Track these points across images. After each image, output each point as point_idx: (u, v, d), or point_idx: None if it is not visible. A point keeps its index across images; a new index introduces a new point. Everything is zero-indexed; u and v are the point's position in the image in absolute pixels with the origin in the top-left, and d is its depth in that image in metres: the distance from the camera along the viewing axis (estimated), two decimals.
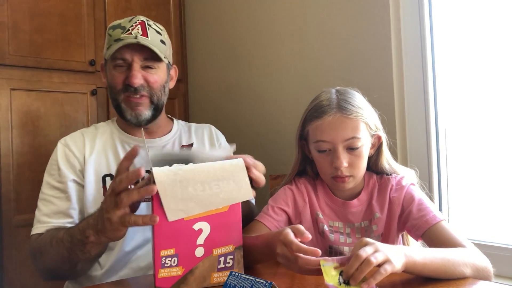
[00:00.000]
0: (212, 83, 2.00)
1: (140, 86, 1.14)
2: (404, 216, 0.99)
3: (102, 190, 1.15)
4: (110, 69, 1.17)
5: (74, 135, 1.23)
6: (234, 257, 0.82)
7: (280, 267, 0.95)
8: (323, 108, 1.00)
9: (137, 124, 1.19)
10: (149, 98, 1.17)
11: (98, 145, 1.20)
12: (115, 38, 1.14)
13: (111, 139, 1.23)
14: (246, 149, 1.74)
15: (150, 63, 1.17)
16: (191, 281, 0.80)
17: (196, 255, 0.81)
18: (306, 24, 1.57)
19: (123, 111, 1.17)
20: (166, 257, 0.79)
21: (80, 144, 1.19)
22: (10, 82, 1.59)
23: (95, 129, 1.26)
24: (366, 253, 0.72)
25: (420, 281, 0.80)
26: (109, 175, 1.16)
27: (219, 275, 0.81)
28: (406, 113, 1.32)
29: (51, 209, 1.12)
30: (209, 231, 0.81)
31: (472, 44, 1.25)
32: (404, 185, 1.02)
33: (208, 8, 2.03)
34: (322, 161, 1.02)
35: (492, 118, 1.21)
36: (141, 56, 1.15)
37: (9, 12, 1.59)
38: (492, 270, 0.83)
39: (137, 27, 1.15)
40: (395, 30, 1.32)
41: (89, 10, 1.78)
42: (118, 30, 1.15)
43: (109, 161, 1.19)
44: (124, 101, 1.16)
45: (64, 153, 1.17)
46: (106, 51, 1.16)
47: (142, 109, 1.17)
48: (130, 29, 1.14)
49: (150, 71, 1.17)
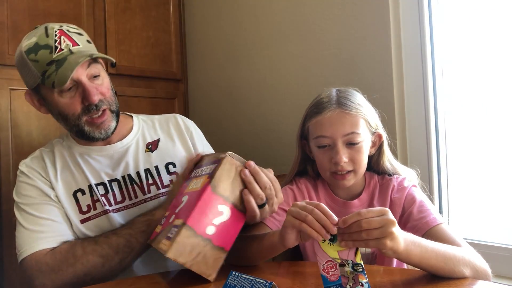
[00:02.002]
0: (212, 83, 2.00)
1: (99, 101, 1.05)
2: (404, 217, 0.99)
3: (77, 208, 1.08)
4: (55, 97, 1.03)
5: (34, 157, 1.14)
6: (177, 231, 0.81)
7: (282, 267, 0.96)
8: (323, 104, 1.01)
9: (106, 138, 1.11)
10: (109, 109, 1.09)
11: (59, 164, 1.12)
12: (47, 62, 0.99)
13: (71, 154, 1.15)
14: (246, 149, 1.75)
15: (93, 71, 1.05)
16: (157, 240, 0.88)
17: (169, 221, 0.89)
18: (306, 24, 1.57)
19: (88, 133, 1.07)
20: (164, 216, 0.95)
21: (42, 166, 1.12)
22: (10, 82, 1.59)
23: (52, 148, 1.17)
24: (365, 215, 0.70)
25: (420, 281, 0.80)
26: (80, 190, 1.10)
27: (165, 242, 0.84)
28: (406, 113, 1.32)
29: (41, 231, 1.03)
30: (184, 204, 0.88)
31: (472, 44, 1.25)
32: (406, 186, 1.03)
33: (208, 8, 2.03)
34: (322, 156, 1.02)
35: (492, 118, 1.21)
36: (83, 68, 1.02)
37: (9, 12, 1.59)
38: (491, 274, 0.82)
39: (63, 39, 1.02)
40: (395, 30, 1.32)
41: (88, 10, 1.78)
42: (43, 52, 0.99)
43: (75, 175, 1.11)
44: (88, 123, 1.06)
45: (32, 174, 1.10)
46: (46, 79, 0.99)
47: (107, 123, 1.08)
48: (58, 46, 1.00)
49: (97, 81, 1.06)
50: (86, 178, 1.11)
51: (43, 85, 1.01)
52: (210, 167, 0.90)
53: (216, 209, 0.85)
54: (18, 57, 1.05)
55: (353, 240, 0.71)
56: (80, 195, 1.10)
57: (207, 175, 0.88)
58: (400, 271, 0.87)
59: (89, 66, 1.04)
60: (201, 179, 0.90)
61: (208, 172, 0.89)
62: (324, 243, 0.72)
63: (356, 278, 0.69)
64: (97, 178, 1.12)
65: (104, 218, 1.09)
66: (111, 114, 1.10)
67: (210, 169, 0.90)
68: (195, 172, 0.97)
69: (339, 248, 0.71)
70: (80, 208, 1.09)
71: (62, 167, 1.12)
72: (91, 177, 1.12)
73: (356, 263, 0.70)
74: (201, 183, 0.88)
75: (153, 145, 1.20)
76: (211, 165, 0.90)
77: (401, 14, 1.32)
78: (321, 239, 0.72)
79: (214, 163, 0.90)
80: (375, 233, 0.70)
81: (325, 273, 0.71)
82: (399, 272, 0.87)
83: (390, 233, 0.71)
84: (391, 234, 0.71)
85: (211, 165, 0.91)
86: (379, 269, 0.89)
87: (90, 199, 1.09)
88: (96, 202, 1.09)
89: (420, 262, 0.77)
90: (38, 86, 1.04)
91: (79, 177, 1.12)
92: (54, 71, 0.98)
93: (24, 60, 1.02)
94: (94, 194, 1.10)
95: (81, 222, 1.08)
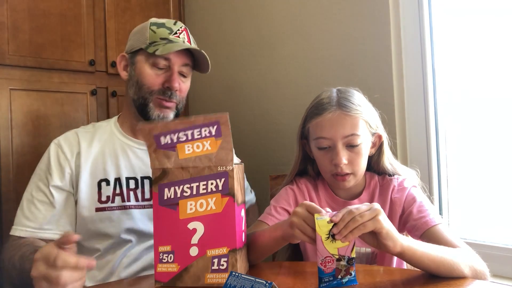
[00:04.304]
0: (212, 83, 2.00)
1: (175, 92, 1.14)
2: (404, 216, 1.00)
3: (97, 196, 1.11)
4: (145, 67, 1.13)
5: (69, 136, 1.18)
6: (228, 259, 0.81)
7: (282, 267, 0.96)
8: (323, 106, 1.01)
9: None
10: (177, 104, 1.17)
11: (95, 148, 1.16)
12: (161, 37, 1.12)
13: (111, 142, 1.18)
14: (246, 149, 1.75)
15: (186, 71, 1.17)
16: (186, 278, 0.82)
17: (191, 254, 0.82)
18: (306, 24, 1.57)
19: (149, 110, 1.13)
20: (164, 253, 0.83)
21: (74, 146, 1.15)
22: (10, 82, 1.59)
23: (93, 129, 1.21)
24: (359, 211, 0.75)
25: (420, 281, 0.80)
26: (105, 180, 1.13)
27: (213, 276, 0.81)
28: (406, 113, 1.32)
29: (33, 213, 1.09)
30: (203, 231, 0.82)
31: (472, 44, 1.25)
32: (406, 186, 1.03)
33: (208, 8, 2.03)
34: (322, 158, 1.02)
35: (492, 118, 1.21)
36: (182, 62, 1.15)
37: (9, 12, 1.59)
38: (489, 274, 0.83)
39: (183, 33, 1.17)
40: (395, 30, 1.32)
41: (89, 10, 1.78)
42: (164, 30, 1.13)
43: (106, 165, 1.14)
44: (155, 102, 1.13)
45: (57, 156, 1.13)
46: (150, 46, 1.11)
47: (168, 112, 1.15)
48: (177, 33, 1.15)
49: (183, 79, 1.18)
50: (117, 169, 1.14)
51: (143, 51, 1.13)
52: (212, 182, 0.83)
53: (243, 218, 0.88)
54: (140, 25, 1.19)
55: (350, 230, 0.74)
56: (104, 185, 1.13)
57: (219, 193, 0.82)
58: (400, 271, 0.88)
59: (186, 66, 1.17)
60: (202, 198, 0.83)
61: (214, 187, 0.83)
62: (327, 240, 0.76)
63: (347, 269, 0.77)
64: (130, 172, 1.15)
65: (119, 213, 1.11)
66: (175, 109, 1.17)
67: (214, 184, 0.83)
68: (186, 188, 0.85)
69: (339, 245, 0.76)
70: (100, 197, 1.11)
71: (97, 151, 1.15)
72: (124, 170, 1.14)
73: (350, 258, 0.76)
74: (217, 202, 0.82)
75: None
76: (212, 180, 0.83)
77: (401, 14, 1.32)
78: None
79: (217, 177, 0.83)
80: (367, 214, 0.75)
81: (322, 266, 0.76)
82: (399, 272, 0.87)
83: (378, 211, 0.75)
84: (379, 213, 0.75)
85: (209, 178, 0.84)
86: (379, 269, 0.89)
87: (112, 191, 1.12)
88: (116, 196, 1.12)
89: (419, 261, 0.78)
90: (136, 52, 1.15)
91: (111, 168, 1.14)
92: (163, 44, 1.11)
93: (144, 27, 1.16)
94: (118, 187, 1.13)
95: (96, 210, 1.10)
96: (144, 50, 1.13)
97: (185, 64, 1.16)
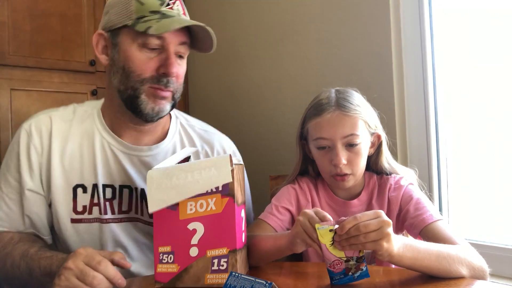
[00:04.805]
0: (212, 83, 2.00)
1: (171, 79, 0.93)
2: (402, 215, 1.00)
3: (72, 203, 0.98)
4: (132, 49, 0.91)
5: (41, 122, 0.99)
6: (228, 260, 0.81)
7: (283, 268, 0.96)
8: (322, 106, 1.01)
9: (148, 121, 0.97)
10: (173, 94, 0.96)
11: (71, 144, 0.98)
12: (151, 9, 0.89)
13: (90, 136, 1.00)
14: (246, 149, 1.75)
15: (183, 50, 0.95)
16: (186, 279, 0.82)
17: (191, 255, 0.82)
18: (306, 24, 1.57)
19: (140, 103, 0.93)
20: (163, 253, 0.83)
21: (46, 137, 0.97)
22: (10, 82, 1.59)
23: (72, 116, 1.01)
24: (361, 218, 0.73)
25: (419, 281, 0.80)
26: (81, 186, 0.98)
27: (213, 276, 0.82)
28: (406, 113, 1.32)
29: (4, 211, 0.97)
30: (203, 232, 0.82)
31: (472, 44, 1.25)
32: (402, 184, 1.03)
33: (208, 8, 2.03)
34: (322, 158, 1.02)
35: (492, 118, 1.21)
36: (179, 40, 0.92)
37: (9, 12, 1.59)
38: (487, 270, 0.82)
39: (177, 3, 0.93)
40: (395, 30, 1.32)
41: (89, 10, 1.78)
42: (154, 0, 0.90)
43: (83, 167, 0.99)
44: (147, 92, 0.93)
45: (27, 146, 0.97)
46: (138, 23, 0.89)
47: (164, 104, 0.95)
48: (170, 3, 0.91)
49: (179, 61, 0.95)
50: (95, 174, 0.98)
51: (129, 28, 0.90)
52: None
53: (243, 218, 0.87)
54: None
55: (350, 244, 0.73)
56: (81, 191, 0.98)
57: (219, 194, 0.82)
58: (399, 271, 0.88)
59: (183, 44, 0.94)
60: (202, 199, 0.82)
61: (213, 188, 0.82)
62: (331, 246, 0.76)
63: (357, 266, 0.77)
64: (109, 179, 1.00)
65: (96, 226, 0.99)
66: (171, 100, 0.96)
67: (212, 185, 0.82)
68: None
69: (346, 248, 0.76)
70: (75, 206, 0.98)
71: (74, 148, 0.99)
72: (101, 176, 0.99)
73: (359, 256, 0.76)
74: (217, 203, 0.82)
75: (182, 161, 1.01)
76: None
77: (401, 14, 1.32)
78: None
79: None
80: (372, 235, 0.72)
81: (332, 268, 0.77)
82: (397, 272, 0.87)
83: (386, 234, 0.72)
84: (388, 236, 0.73)
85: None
86: (378, 270, 0.89)
87: (89, 200, 0.99)
88: (94, 206, 0.99)
89: (413, 264, 0.78)
90: (118, 30, 0.92)
91: (88, 170, 0.99)
92: (156, 20, 0.88)
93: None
94: (95, 195, 0.99)
95: (71, 221, 0.98)
96: (130, 28, 0.90)
97: (182, 43, 0.94)
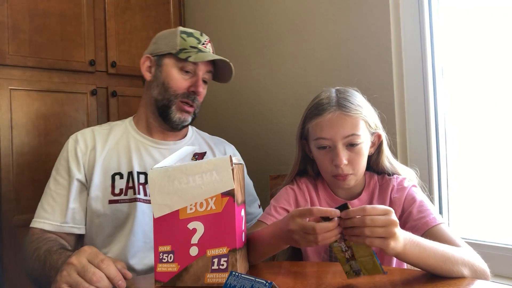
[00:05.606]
0: (212, 83, 2.00)
1: (197, 98, 1.23)
2: (404, 217, 0.99)
3: (110, 189, 1.17)
4: (174, 71, 1.21)
5: (85, 132, 1.25)
6: (228, 259, 0.81)
7: (282, 267, 0.96)
8: (323, 106, 1.00)
9: (174, 128, 1.24)
10: (195, 110, 1.26)
11: (110, 143, 1.22)
12: (191, 45, 1.21)
13: (125, 138, 1.25)
14: (246, 149, 1.75)
15: (207, 77, 1.26)
16: (186, 278, 0.82)
17: (191, 254, 0.82)
18: (306, 24, 1.57)
19: (170, 112, 1.21)
20: (164, 252, 0.83)
21: (90, 141, 1.21)
22: (10, 82, 1.59)
23: (109, 127, 1.28)
24: (369, 212, 0.72)
25: (420, 281, 0.80)
26: (119, 174, 1.18)
27: (213, 276, 0.82)
28: (406, 113, 1.32)
29: (51, 205, 1.15)
30: (203, 231, 0.82)
31: (472, 44, 1.25)
32: (405, 186, 1.03)
33: (208, 8, 2.03)
34: (322, 158, 1.02)
35: (492, 118, 1.21)
36: (206, 69, 1.24)
37: (9, 12, 1.59)
38: (489, 275, 0.82)
39: (209, 44, 1.27)
40: (395, 30, 1.32)
41: (89, 10, 1.78)
42: (193, 39, 1.22)
43: (120, 159, 1.20)
44: (177, 105, 1.21)
45: (74, 149, 1.19)
46: (180, 52, 1.19)
47: (187, 116, 1.24)
48: (204, 43, 1.24)
49: (203, 85, 1.26)
50: (130, 164, 1.20)
51: (173, 55, 1.20)
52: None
53: (243, 218, 0.88)
54: (167, 31, 1.27)
55: (355, 235, 0.73)
56: (118, 178, 1.18)
57: (219, 193, 0.82)
58: (400, 271, 0.88)
59: (209, 73, 1.26)
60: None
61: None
62: (346, 263, 0.79)
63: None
64: (141, 167, 1.20)
65: (130, 205, 1.16)
66: (192, 114, 1.27)
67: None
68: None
69: (360, 260, 0.77)
70: (113, 190, 1.17)
71: (111, 146, 1.22)
72: (136, 165, 1.20)
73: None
74: (217, 202, 0.82)
75: (200, 156, 1.24)
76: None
77: (401, 14, 1.32)
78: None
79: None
80: (378, 231, 0.72)
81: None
82: (398, 272, 0.87)
83: (393, 233, 0.72)
84: (394, 235, 0.72)
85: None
86: None
87: (125, 184, 1.18)
88: (129, 189, 1.17)
89: (419, 261, 0.78)
90: (164, 56, 1.22)
91: (124, 162, 1.20)
92: (195, 52, 1.19)
93: (173, 33, 1.23)
94: (131, 180, 1.18)
95: (109, 202, 1.16)
96: (173, 55, 1.20)
97: (208, 71, 1.25)
